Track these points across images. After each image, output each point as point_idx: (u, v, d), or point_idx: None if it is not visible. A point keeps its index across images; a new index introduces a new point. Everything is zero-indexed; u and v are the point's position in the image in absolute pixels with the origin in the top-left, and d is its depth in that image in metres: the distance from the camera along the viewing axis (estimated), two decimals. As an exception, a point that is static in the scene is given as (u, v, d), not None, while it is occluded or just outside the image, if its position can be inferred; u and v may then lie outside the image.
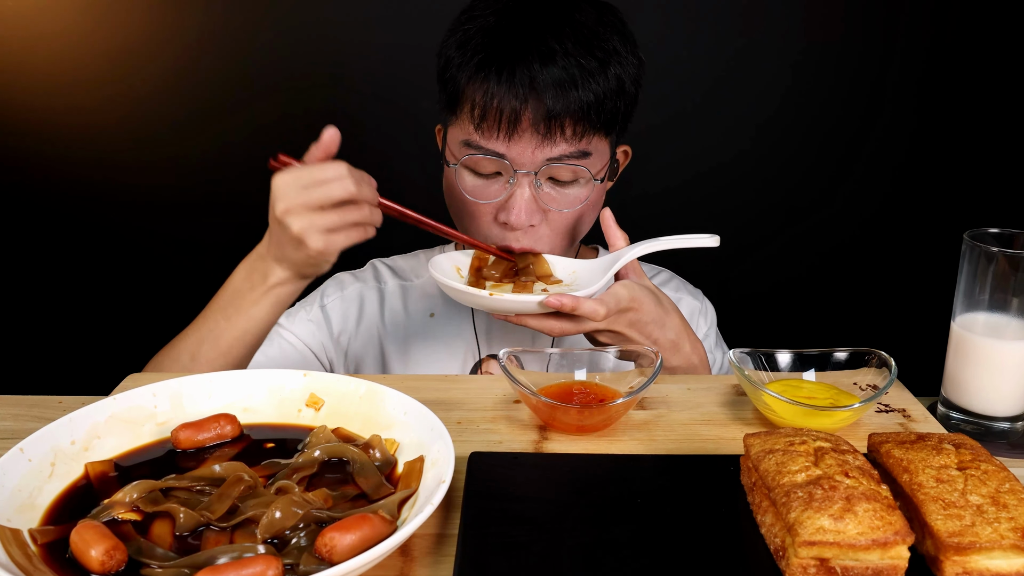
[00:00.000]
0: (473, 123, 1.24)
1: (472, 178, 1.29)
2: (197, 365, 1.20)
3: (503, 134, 1.23)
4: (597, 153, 1.28)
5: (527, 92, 1.20)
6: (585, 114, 1.22)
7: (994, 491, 0.74)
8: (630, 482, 0.86)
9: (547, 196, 1.28)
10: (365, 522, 0.73)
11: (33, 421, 1.00)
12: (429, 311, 1.49)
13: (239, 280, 1.20)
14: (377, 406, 0.94)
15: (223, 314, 1.20)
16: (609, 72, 1.24)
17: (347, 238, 1.12)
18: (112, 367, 1.25)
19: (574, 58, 1.21)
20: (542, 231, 1.29)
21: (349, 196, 1.09)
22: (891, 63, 2.22)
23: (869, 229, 2.36)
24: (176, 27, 2.18)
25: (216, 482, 0.82)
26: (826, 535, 0.69)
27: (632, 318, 1.16)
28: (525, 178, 1.25)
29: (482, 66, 1.22)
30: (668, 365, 1.22)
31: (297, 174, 1.09)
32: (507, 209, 1.27)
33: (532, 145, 1.23)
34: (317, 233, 1.09)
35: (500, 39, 1.23)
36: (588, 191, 1.30)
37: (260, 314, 1.19)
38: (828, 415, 0.97)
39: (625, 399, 0.97)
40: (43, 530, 0.76)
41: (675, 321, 1.22)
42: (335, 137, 1.13)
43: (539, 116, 1.21)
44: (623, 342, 1.17)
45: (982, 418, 1.06)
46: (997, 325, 1.03)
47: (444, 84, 1.29)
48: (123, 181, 2.29)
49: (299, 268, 1.15)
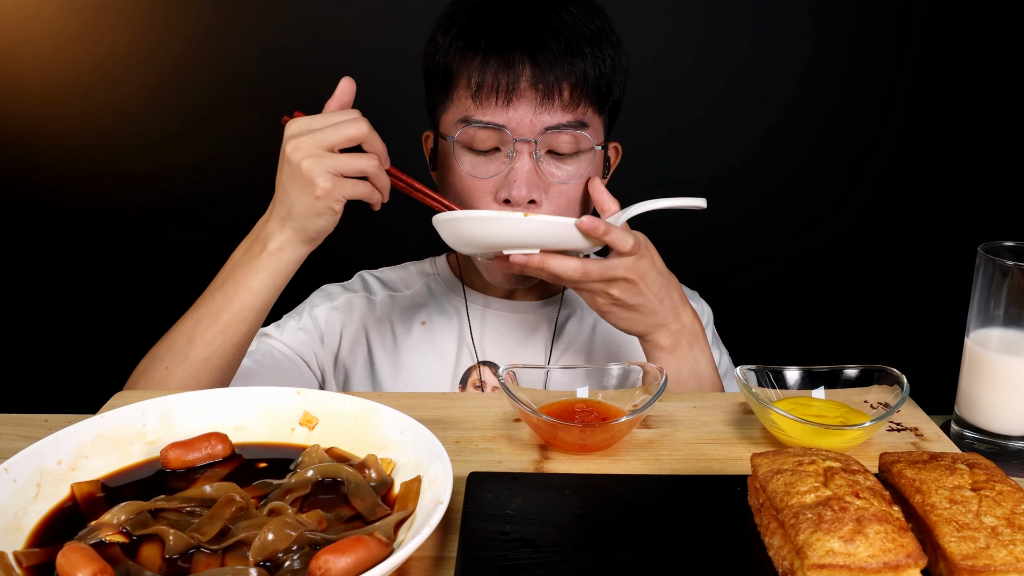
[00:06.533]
0: (470, 94, 1.25)
1: (470, 156, 1.29)
2: (195, 347, 1.18)
3: (501, 101, 1.23)
4: (593, 128, 1.29)
5: (524, 57, 1.22)
6: (582, 79, 1.24)
7: (1009, 512, 0.73)
8: (634, 503, 0.84)
9: (547, 171, 1.28)
10: (360, 544, 0.72)
11: (18, 440, 0.99)
12: (419, 320, 1.49)
13: (238, 255, 1.21)
14: (373, 425, 0.93)
15: (221, 291, 1.19)
16: (604, 48, 1.27)
17: (354, 188, 1.13)
18: (100, 384, 1.23)
19: (570, 27, 1.24)
20: (542, 209, 1.29)
21: (360, 134, 1.12)
22: (902, 71, 2.22)
23: (880, 242, 2.34)
24: (165, 34, 2.17)
25: (207, 503, 0.81)
26: (836, 558, 0.67)
27: (646, 267, 1.17)
28: (525, 147, 1.25)
29: (473, 40, 1.25)
30: (673, 328, 1.22)
31: (311, 118, 1.14)
32: (508, 184, 1.26)
33: (530, 111, 1.24)
34: (324, 172, 1.11)
35: (491, 14, 1.26)
36: (588, 163, 1.30)
37: (260, 284, 1.17)
38: (838, 434, 0.96)
39: (629, 417, 0.95)
40: (28, 552, 0.75)
41: (676, 283, 1.24)
42: (350, 88, 1.17)
43: (536, 78, 1.22)
44: (634, 296, 1.17)
45: (997, 437, 1.04)
46: (1013, 341, 1.02)
47: (434, 71, 1.31)
48: (111, 192, 2.28)
49: (303, 220, 1.14)
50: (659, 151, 2.23)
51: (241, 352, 1.22)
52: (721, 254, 2.30)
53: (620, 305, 1.18)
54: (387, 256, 1.61)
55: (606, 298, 1.18)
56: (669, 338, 1.22)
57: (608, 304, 1.19)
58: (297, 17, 2.16)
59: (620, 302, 1.18)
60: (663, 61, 2.20)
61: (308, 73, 2.18)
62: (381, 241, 1.99)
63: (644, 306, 1.18)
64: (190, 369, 1.18)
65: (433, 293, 1.51)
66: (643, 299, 1.18)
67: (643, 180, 2.13)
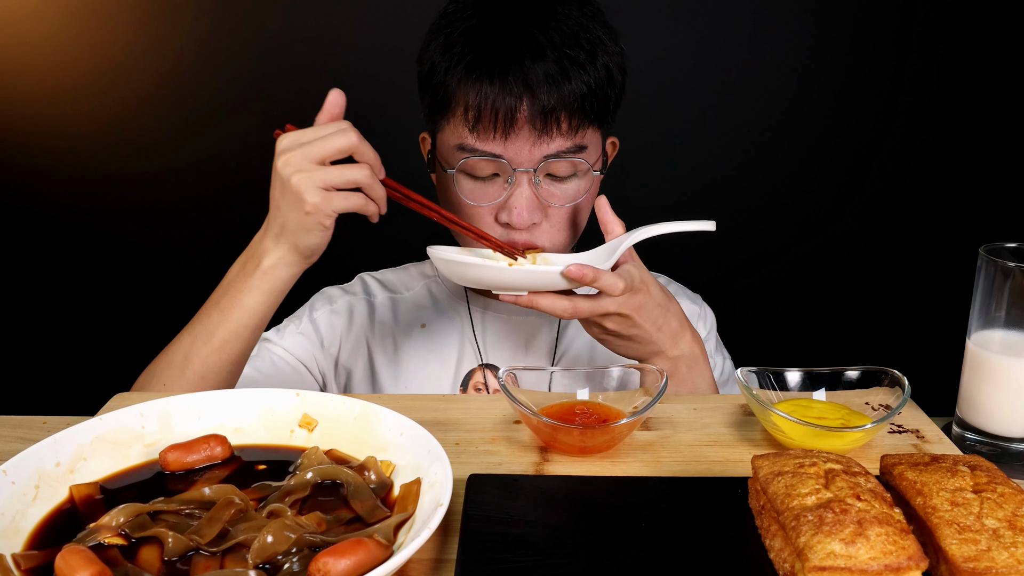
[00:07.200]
0: (467, 126, 1.24)
1: (469, 182, 1.28)
2: (191, 365, 1.17)
3: (499, 134, 1.22)
4: (592, 145, 1.29)
5: (521, 90, 1.20)
6: (579, 106, 1.23)
7: (1011, 514, 0.73)
8: (634, 505, 0.84)
9: (546, 193, 1.27)
10: (360, 547, 0.71)
11: (16, 442, 0.98)
12: (420, 323, 1.48)
13: (234, 272, 1.19)
14: (372, 427, 0.93)
15: (216, 308, 1.18)
16: (598, 62, 1.24)
17: (345, 200, 1.10)
18: (98, 386, 1.23)
19: (563, 51, 1.21)
20: (543, 228, 1.29)
21: (349, 145, 1.09)
22: (904, 72, 2.22)
23: (881, 243, 2.34)
24: (164, 36, 2.17)
25: (206, 505, 0.81)
26: (837, 560, 0.67)
27: (641, 300, 1.16)
28: (524, 176, 1.25)
29: (472, 68, 1.22)
30: (671, 355, 1.22)
31: (301, 132, 1.11)
32: (508, 209, 1.26)
33: (529, 143, 1.23)
34: (314, 187, 1.08)
35: (486, 38, 1.23)
36: (587, 184, 1.30)
37: (254, 303, 1.17)
38: (839, 436, 0.95)
39: (629, 419, 0.95)
40: (27, 555, 0.74)
41: (677, 309, 1.23)
42: (340, 99, 1.14)
43: (535, 112, 1.21)
44: (629, 328, 1.17)
45: (998, 439, 1.04)
46: (1014, 343, 1.01)
47: (431, 90, 1.29)
48: (109, 193, 2.28)
49: (295, 236, 1.13)
50: (659, 152, 2.23)
51: (238, 368, 1.21)
52: (722, 256, 2.30)
53: (615, 335, 1.19)
54: (388, 257, 1.60)
55: (600, 329, 1.19)
56: (667, 364, 1.21)
57: (602, 334, 1.20)
58: (295, 18, 2.16)
59: (615, 333, 1.18)
60: (664, 61, 2.20)
61: (307, 74, 2.18)
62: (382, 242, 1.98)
63: (640, 336, 1.18)
64: (187, 387, 1.17)
65: (434, 295, 1.50)
66: (639, 330, 1.17)
67: (643, 180, 2.13)
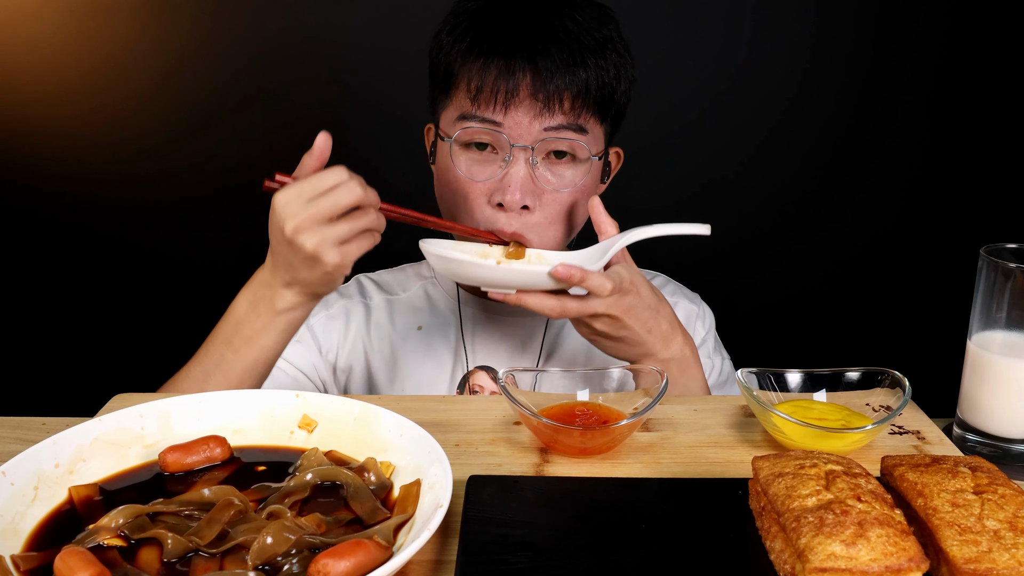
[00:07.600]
0: (469, 97, 1.24)
1: (467, 158, 1.28)
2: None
3: (499, 106, 1.23)
4: (593, 136, 1.29)
5: (526, 64, 1.21)
6: (584, 89, 1.23)
7: (1012, 516, 0.73)
8: (634, 507, 0.84)
9: (543, 177, 1.27)
10: (360, 548, 0.71)
11: (15, 443, 0.98)
12: (416, 324, 1.48)
13: (243, 310, 1.16)
14: (372, 428, 0.92)
15: (229, 347, 1.16)
16: (608, 58, 1.25)
17: (359, 247, 1.09)
18: (98, 387, 1.22)
19: (575, 36, 1.23)
20: (535, 216, 1.28)
21: (358, 200, 1.07)
22: (904, 73, 2.22)
23: (882, 243, 2.34)
24: (164, 35, 2.17)
25: (205, 506, 0.81)
26: (838, 561, 0.67)
27: (631, 302, 1.15)
28: (521, 153, 1.25)
29: (477, 42, 1.24)
30: (662, 358, 1.21)
31: (299, 188, 1.06)
32: (502, 188, 1.26)
33: (529, 115, 1.23)
34: (331, 247, 1.06)
35: (495, 17, 1.25)
36: (584, 173, 1.29)
37: (270, 342, 1.16)
38: (840, 437, 0.95)
39: (629, 420, 0.95)
40: (26, 556, 0.74)
41: (668, 311, 1.22)
42: (327, 143, 1.10)
43: (537, 87, 1.22)
44: (618, 329, 1.17)
45: (999, 440, 1.04)
46: (1015, 344, 1.01)
47: (437, 68, 1.30)
48: (109, 193, 2.28)
49: (313, 288, 1.13)
50: (660, 152, 2.23)
51: None
52: (722, 256, 2.29)
53: (604, 336, 1.18)
54: (386, 257, 1.59)
55: (589, 329, 1.19)
56: (658, 366, 1.20)
57: (591, 335, 1.20)
58: (295, 18, 2.16)
59: (604, 334, 1.18)
60: (664, 61, 2.19)
61: (307, 74, 2.18)
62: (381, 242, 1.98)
63: (629, 338, 1.18)
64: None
65: (430, 296, 1.50)
66: (628, 332, 1.17)
67: (643, 181, 2.13)
